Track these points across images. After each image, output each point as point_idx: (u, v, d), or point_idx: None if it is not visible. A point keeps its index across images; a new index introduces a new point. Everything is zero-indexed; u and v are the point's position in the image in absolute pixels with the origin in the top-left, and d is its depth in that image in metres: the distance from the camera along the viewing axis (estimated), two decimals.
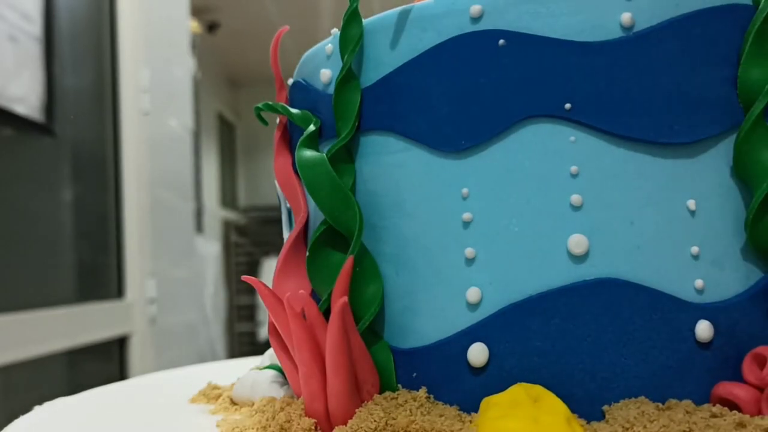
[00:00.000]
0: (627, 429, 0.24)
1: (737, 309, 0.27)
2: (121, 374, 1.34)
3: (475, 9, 0.29)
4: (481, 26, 0.29)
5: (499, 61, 0.28)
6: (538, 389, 0.25)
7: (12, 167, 1.00)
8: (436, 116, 0.30)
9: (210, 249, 2.68)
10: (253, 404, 0.34)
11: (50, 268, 1.12)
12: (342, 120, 0.31)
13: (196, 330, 1.82)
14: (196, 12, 2.58)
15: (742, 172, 0.28)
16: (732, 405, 0.26)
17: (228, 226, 3.43)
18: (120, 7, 1.38)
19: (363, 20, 0.32)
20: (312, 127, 0.32)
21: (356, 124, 0.31)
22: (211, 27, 2.91)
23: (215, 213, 3.22)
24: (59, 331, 1.08)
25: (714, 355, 0.27)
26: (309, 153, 0.31)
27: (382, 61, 0.31)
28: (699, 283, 0.27)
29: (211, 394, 0.38)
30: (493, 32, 0.29)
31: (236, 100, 3.86)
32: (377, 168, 0.31)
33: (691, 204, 0.28)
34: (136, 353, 1.36)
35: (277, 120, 0.37)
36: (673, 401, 0.26)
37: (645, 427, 0.24)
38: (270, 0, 2.68)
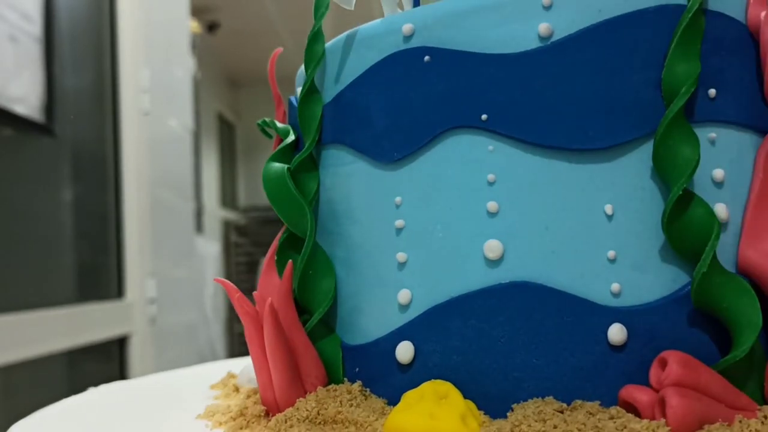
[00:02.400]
0: (516, 426, 0.25)
1: (657, 312, 0.27)
2: (121, 374, 1.34)
3: (407, 27, 0.31)
4: (412, 44, 0.31)
5: (424, 76, 0.30)
6: (447, 386, 0.27)
7: (12, 167, 1.00)
8: (375, 130, 0.32)
9: (210, 249, 2.68)
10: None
11: (50, 268, 1.12)
12: (305, 132, 0.34)
13: (196, 330, 1.82)
14: (196, 12, 2.58)
15: (661, 169, 0.27)
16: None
17: (228, 226, 3.43)
18: (120, 7, 1.38)
19: (326, 40, 0.34)
20: (288, 140, 0.35)
21: (317, 136, 0.34)
22: (211, 27, 2.91)
23: (215, 213, 3.22)
24: (59, 331, 1.08)
25: (629, 358, 0.27)
26: (274, 165, 0.33)
27: (338, 78, 0.33)
28: (615, 286, 0.27)
29: (228, 382, 0.41)
30: (421, 49, 0.30)
31: (236, 100, 3.86)
32: (334, 178, 0.34)
33: (608, 208, 0.28)
34: (136, 353, 1.36)
35: None
36: (579, 402, 0.27)
37: (530, 426, 0.25)
38: (270, 0, 2.68)
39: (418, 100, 0.30)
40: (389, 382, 0.30)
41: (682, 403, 0.24)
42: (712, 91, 0.28)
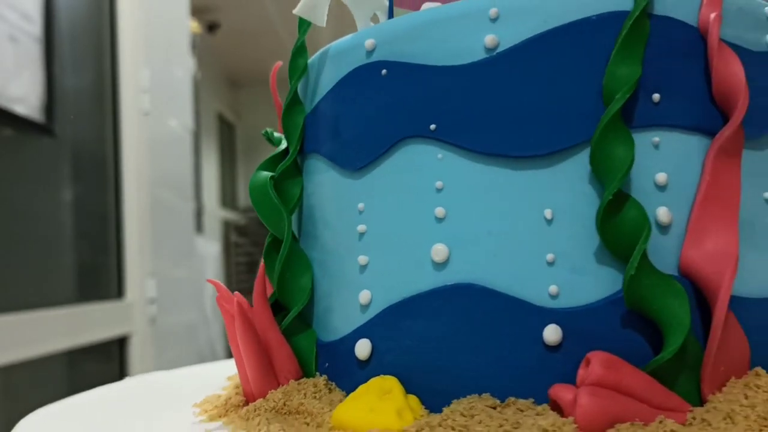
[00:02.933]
0: (444, 420, 0.26)
1: (594, 314, 0.28)
2: (121, 374, 1.34)
3: (369, 43, 0.32)
4: (373, 58, 0.32)
5: (382, 88, 0.32)
6: (392, 382, 0.29)
7: (12, 167, 1.00)
8: (343, 140, 0.34)
9: (210, 249, 2.68)
10: None
11: (50, 268, 1.12)
12: (289, 141, 0.36)
13: (196, 330, 1.82)
14: (196, 12, 2.58)
15: (598, 172, 0.28)
16: None
17: (228, 226, 3.43)
18: (120, 7, 1.38)
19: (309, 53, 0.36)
20: (279, 149, 0.38)
21: (299, 145, 0.36)
22: (211, 27, 2.92)
23: (215, 213, 3.22)
24: (59, 331, 1.08)
25: (565, 358, 0.28)
26: (260, 174, 0.36)
27: (315, 91, 0.36)
28: (553, 288, 0.28)
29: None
30: (380, 63, 0.32)
31: (236, 100, 3.86)
32: (313, 185, 0.36)
33: (548, 213, 0.28)
34: (136, 353, 1.36)
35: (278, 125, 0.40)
36: (512, 399, 0.28)
37: (455, 420, 0.26)
38: (270, 0, 2.68)
39: (376, 111, 0.32)
40: (351, 377, 0.32)
41: (592, 402, 0.24)
42: (656, 96, 0.28)
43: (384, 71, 0.32)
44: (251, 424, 0.30)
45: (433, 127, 0.30)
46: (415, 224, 0.31)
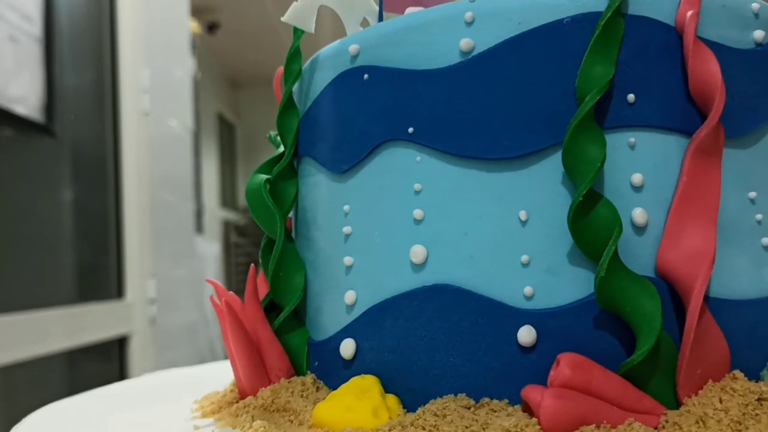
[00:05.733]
0: (416, 419, 0.27)
1: (569, 315, 0.28)
2: (121, 374, 1.34)
3: (353, 48, 0.33)
4: (357, 63, 0.33)
5: (365, 93, 0.32)
6: (371, 382, 0.29)
7: (12, 167, 1.00)
8: (330, 143, 0.34)
9: (210, 249, 2.68)
10: None
11: (50, 268, 1.12)
12: (285, 144, 0.37)
13: (196, 330, 1.82)
14: (196, 12, 2.58)
15: (570, 172, 0.27)
16: None
17: (228, 227, 3.43)
18: (120, 7, 1.38)
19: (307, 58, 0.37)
20: (277, 152, 0.39)
21: (293, 148, 0.37)
22: (211, 27, 2.91)
23: (215, 213, 3.22)
24: (59, 331, 1.08)
25: (539, 359, 0.28)
26: (256, 176, 0.37)
27: (308, 95, 0.36)
28: (528, 290, 0.28)
29: None
30: (363, 68, 0.32)
31: (236, 100, 3.86)
32: (305, 187, 0.36)
33: (523, 215, 0.28)
34: (136, 353, 1.36)
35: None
36: (486, 400, 0.28)
37: (426, 419, 0.27)
38: (270, 0, 2.68)
39: (359, 115, 0.33)
40: (337, 376, 0.32)
41: (556, 404, 0.24)
42: (631, 96, 0.28)
43: (366, 76, 0.32)
44: (238, 421, 0.31)
45: (411, 130, 0.30)
46: (395, 226, 0.31)
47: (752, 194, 0.30)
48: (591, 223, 0.27)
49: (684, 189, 0.28)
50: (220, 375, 0.44)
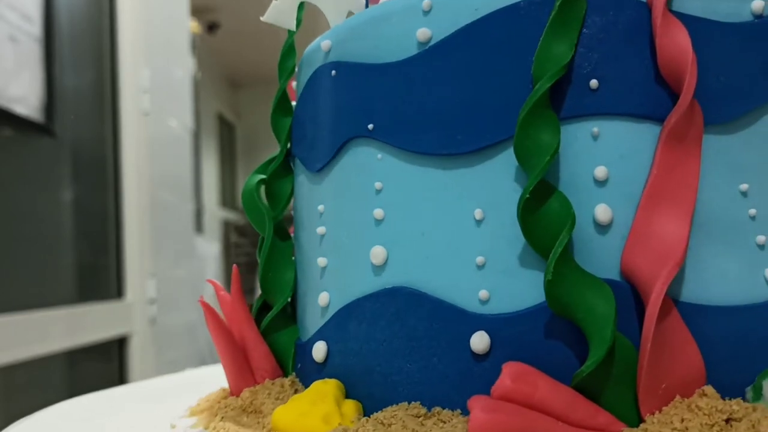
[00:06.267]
0: (361, 427, 0.26)
1: (525, 321, 0.25)
2: (121, 375, 1.33)
3: (325, 44, 0.32)
4: (328, 59, 0.32)
5: (333, 89, 0.31)
6: (331, 386, 0.29)
7: (12, 167, 1.00)
8: (308, 142, 0.33)
9: (210, 249, 2.68)
10: None
11: (50, 268, 1.12)
12: (279, 141, 0.37)
13: (196, 330, 1.82)
14: (196, 12, 2.58)
15: (523, 162, 0.25)
16: None
17: (228, 226, 3.43)
18: (120, 7, 1.38)
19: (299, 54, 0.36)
20: (276, 153, 0.38)
21: (287, 146, 0.36)
22: (211, 27, 2.91)
23: (215, 213, 3.22)
24: (59, 331, 1.08)
25: (493, 367, 0.25)
26: (252, 177, 0.37)
27: (298, 94, 0.35)
28: (483, 293, 0.26)
29: None
30: (332, 64, 0.31)
31: (236, 100, 3.86)
32: (296, 187, 0.36)
33: (478, 213, 0.26)
34: (136, 354, 1.36)
35: None
36: (437, 409, 0.26)
37: (366, 429, 0.26)
38: (270, 0, 2.67)
39: (328, 112, 0.31)
40: (311, 378, 0.31)
41: (485, 418, 0.22)
42: (594, 82, 0.25)
43: (334, 72, 0.31)
44: (211, 421, 0.31)
45: (371, 126, 0.29)
46: (359, 226, 0.30)
47: (744, 186, 0.26)
48: (542, 219, 0.24)
49: (654, 182, 0.24)
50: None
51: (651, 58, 0.25)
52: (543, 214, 0.24)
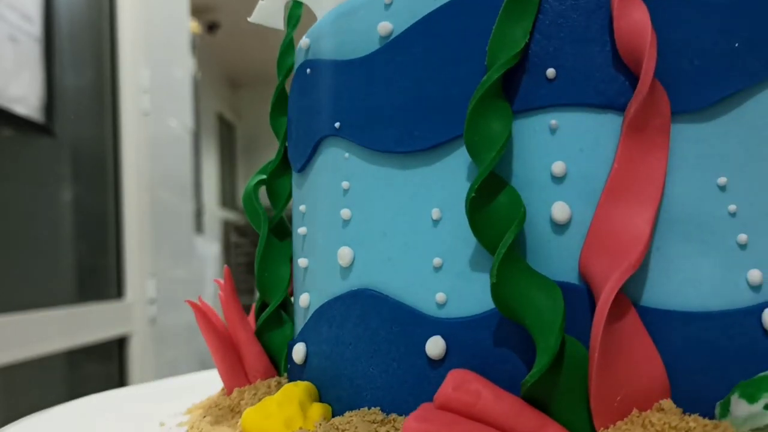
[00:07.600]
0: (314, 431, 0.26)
1: (481, 326, 0.24)
2: (121, 375, 1.33)
3: (304, 42, 0.31)
4: (307, 57, 0.31)
5: (308, 88, 0.31)
6: (299, 389, 0.28)
7: (12, 167, 1.00)
8: (293, 141, 0.33)
9: (210, 249, 2.68)
10: None
11: (50, 269, 1.12)
12: (278, 139, 0.36)
13: (196, 330, 1.82)
14: (196, 12, 2.58)
15: (474, 155, 0.23)
16: None
17: (228, 227, 3.43)
18: (120, 7, 1.38)
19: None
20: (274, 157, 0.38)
21: (284, 144, 0.35)
22: (211, 27, 2.91)
23: (215, 213, 3.22)
24: (59, 331, 1.08)
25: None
26: (254, 177, 0.37)
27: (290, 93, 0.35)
28: (440, 296, 0.25)
29: None
30: (307, 62, 0.31)
31: (236, 100, 3.86)
32: (292, 186, 0.35)
33: (435, 213, 0.25)
34: (135, 354, 1.36)
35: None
36: (393, 416, 0.26)
37: None
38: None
39: (305, 111, 0.31)
40: (295, 379, 0.31)
41: (416, 427, 0.21)
42: (551, 71, 0.23)
43: (308, 70, 0.31)
44: (197, 420, 0.31)
45: (337, 125, 0.28)
46: (329, 227, 0.29)
47: (722, 180, 0.23)
48: (491, 217, 0.23)
49: (614, 176, 0.23)
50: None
51: (611, 43, 0.23)
52: (492, 211, 0.23)
